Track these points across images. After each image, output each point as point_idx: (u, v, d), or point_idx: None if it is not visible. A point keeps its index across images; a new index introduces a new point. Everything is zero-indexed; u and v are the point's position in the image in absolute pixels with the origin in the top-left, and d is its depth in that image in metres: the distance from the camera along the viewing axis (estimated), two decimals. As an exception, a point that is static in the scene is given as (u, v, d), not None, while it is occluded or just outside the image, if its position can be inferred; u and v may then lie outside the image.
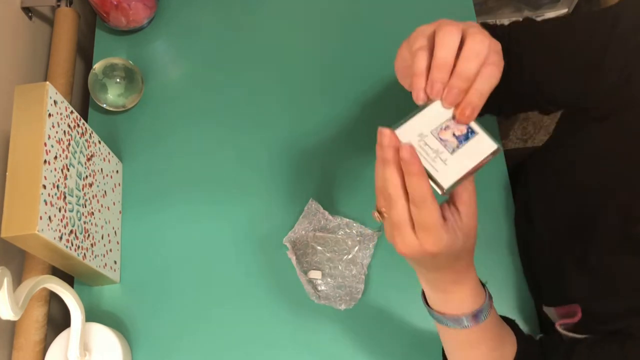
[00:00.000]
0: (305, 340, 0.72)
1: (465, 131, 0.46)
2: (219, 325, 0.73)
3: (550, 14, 1.20)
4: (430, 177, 0.45)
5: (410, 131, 0.46)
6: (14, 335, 0.70)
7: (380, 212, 0.49)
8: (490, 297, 0.54)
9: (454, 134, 0.46)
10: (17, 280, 0.72)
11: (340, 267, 0.74)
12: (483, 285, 0.54)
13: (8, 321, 0.71)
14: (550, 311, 0.68)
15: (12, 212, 0.57)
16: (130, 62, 0.84)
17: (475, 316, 0.52)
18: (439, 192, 0.45)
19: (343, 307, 0.71)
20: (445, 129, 0.46)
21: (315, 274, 0.73)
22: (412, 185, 0.44)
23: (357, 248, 0.74)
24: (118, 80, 0.82)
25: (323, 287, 0.73)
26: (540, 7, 1.19)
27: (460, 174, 0.45)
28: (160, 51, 0.91)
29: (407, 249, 0.46)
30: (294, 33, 0.91)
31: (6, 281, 0.52)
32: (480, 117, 0.48)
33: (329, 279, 0.73)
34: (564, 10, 1.20)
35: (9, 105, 0.65)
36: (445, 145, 0.46)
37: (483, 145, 0.46)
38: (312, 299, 0.71)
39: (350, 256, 0.74)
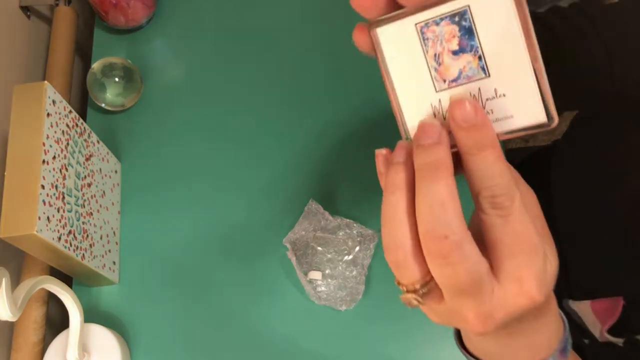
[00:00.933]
0: (305, 341, 0.72)
1: (458, 30, 0.28)
2: (218, 327, 0.73)
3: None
4: (513, 133, 0.28)
5: (415, 115, 0.30)
6: (12, 336, 0.69)
7: (411, 289, 0.30)
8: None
9: (453, 52, 0.28)
10: (16, 281, 0.72)
11: (340, 267, 0.73)
12: None
13: (6, 322, 0.70)
14: (583, 307, 0.60)
15: (11, 213, 0.57)
16: (129, 62, 0.83)
17: (563, 350, 0.35)
18: (547, 128, 0.28)
19: (344, 308, 0.71)
20: (440, 62, 0.29)
21: (315, 275, 0.72)
22: (490, 174, 0.27)
23: (357, 249, 0.74)
24: (117, 79, 0.81)
25: (323, 288, 0.73)
26: (542, 4, 1.19)
27: (531, 76, 0.27)
28: (160, 50, 0.91)
29: (494, 317, 0.28)
30: (295, 32, 0.90)
31: (4, 281, 0.51)
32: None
33: (329, 280, 0.73)
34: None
35: (7, 105, 0.64)
36: (471, 77, 0.28)
37: (494, 6, 0.27)
38: (313, 300, 0.71)
39: (350, 257, 0.74)
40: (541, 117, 0.27)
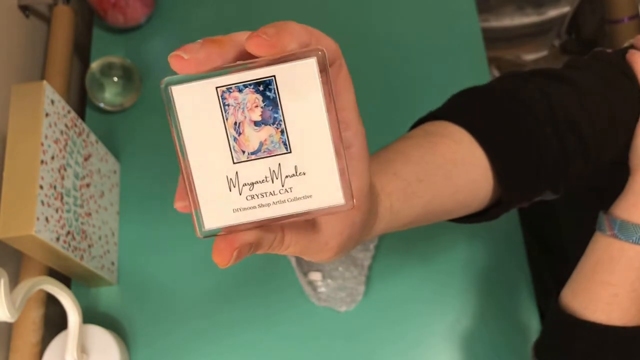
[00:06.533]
0: (305, 342, 0.71)
1: (261, 100, 0.26)
2: (217, 328, 0.73)
3: (553, 12, 1.20)
4: (310, 214, 0.27)
5: (208, 187, 0.29)
6: (10, 337, 0.69)
7: None
8: None
9: (255, 123, 0.27)
10: (14, 282, 0.71)
11: (340, 268, 0.73)
12: None
13: (5, 323, 0.70)
14: None
15: (9, 213, 0.56)
16: (128, 61, 0.83)
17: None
18: (345, 210, 0.27)
19: (344, 309, 0.70)
20: (241, 132, 0.27)
21: (315, 276, 0.72)
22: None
23: (357, 249, 0.74)
24: (115, 79, 0.81)
25: (323, 289, 0.72)
26: (542, 5, 1.20)
27: (331, 156, 0.27)
28: (159, 49, 0.91)
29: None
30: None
31: (3, 282, 0.51)
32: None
33: (329, 281, 0.73)
34: (566, 9, 1.21)
35: (5, 105, 0.64)
36: (272, 151, 0.27)
37: (300, 79, 0.26)
38: (313, 301, 0.71)
39: (350, 257, 0.73)
40: (338, 200, 0.27)
